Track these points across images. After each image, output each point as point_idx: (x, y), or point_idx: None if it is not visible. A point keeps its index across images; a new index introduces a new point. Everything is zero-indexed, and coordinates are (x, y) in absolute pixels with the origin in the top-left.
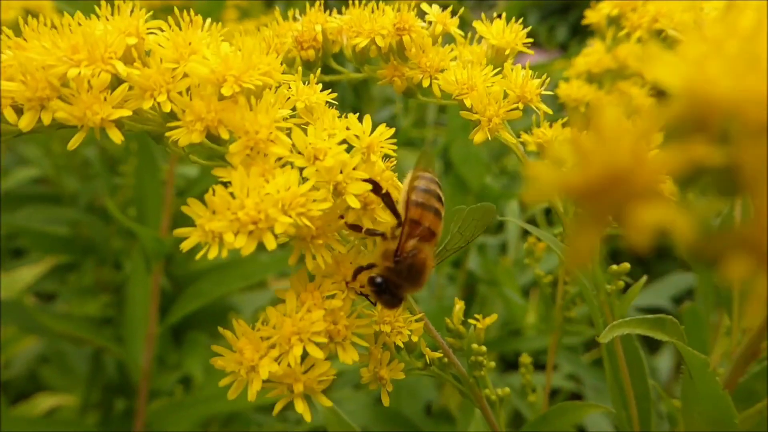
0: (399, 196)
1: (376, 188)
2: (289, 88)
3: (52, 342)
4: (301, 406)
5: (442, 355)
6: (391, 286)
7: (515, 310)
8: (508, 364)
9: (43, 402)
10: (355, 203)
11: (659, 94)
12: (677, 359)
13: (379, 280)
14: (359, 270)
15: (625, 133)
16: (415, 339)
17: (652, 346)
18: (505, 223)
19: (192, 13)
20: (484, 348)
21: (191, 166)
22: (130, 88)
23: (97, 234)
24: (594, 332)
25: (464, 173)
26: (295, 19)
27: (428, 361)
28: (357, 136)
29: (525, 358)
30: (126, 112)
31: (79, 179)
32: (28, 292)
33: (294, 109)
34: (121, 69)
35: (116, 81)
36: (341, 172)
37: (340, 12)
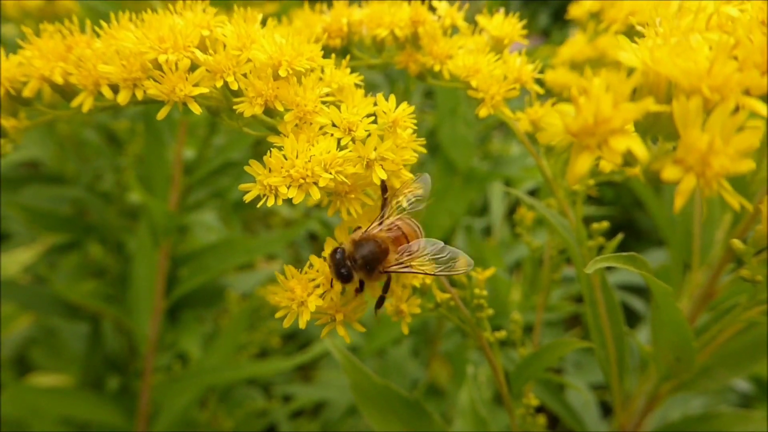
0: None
1: (384, 189)
2: (323, 71)
3: (44, 322)
4: (342, 331)
5: (450, 296)
6: (347, 258)
7: (500, 288)
8: None
9: (38, 382)
10: (382, 175)
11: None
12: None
13: (339, 249)
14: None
15: (606, 94)
16: (428, 282)
17: (632, 324)
18: (490, 206)
19: (251, 10)
20: (485, 292)
21: (190, 149)
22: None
23: (98, 214)
24: (575, 309)
25: (452, 155)
26: (322, 12)
27: (438, 302)
28: (384, 112)
29: (515, 316)
30: (204, 90)
31: (77, 161)
32: (24, 273)
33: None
34: (200, 55)
35: (193, 65)
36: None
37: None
